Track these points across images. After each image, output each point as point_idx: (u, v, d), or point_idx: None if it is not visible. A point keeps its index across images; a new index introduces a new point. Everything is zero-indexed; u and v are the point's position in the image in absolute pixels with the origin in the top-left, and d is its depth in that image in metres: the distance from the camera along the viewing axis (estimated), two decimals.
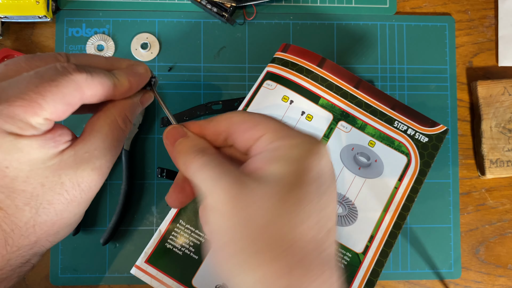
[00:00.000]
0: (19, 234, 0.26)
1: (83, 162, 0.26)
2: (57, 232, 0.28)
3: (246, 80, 0.49)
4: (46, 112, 0.24)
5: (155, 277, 0.39)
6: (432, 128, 0.44)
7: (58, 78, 0.25)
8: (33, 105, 0.24)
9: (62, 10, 0.48)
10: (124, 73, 0.28)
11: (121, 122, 0.29)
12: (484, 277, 0.49)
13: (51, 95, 0.24)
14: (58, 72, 0.25)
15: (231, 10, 0.48)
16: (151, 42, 0.48)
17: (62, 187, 0.26)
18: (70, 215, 0.27)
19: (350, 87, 0.45)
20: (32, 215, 0.26)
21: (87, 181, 0.27)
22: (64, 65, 0.26)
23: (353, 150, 0.43)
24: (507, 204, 0.50)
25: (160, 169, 0.46)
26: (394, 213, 0.42)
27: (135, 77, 0.29)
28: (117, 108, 0.29)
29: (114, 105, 0.29)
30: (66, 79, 0.25)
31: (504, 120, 0.49)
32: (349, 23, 0.50)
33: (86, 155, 0.27)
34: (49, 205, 0.26)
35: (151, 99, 0.32)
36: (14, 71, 0.26)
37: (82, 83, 0.26)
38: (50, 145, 0.25)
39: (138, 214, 0.47)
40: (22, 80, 0.25)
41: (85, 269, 0.46)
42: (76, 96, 0.26)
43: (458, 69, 0.51)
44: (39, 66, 0.26)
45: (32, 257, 0.28)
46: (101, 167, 0.27)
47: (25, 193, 0.25)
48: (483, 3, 0.52)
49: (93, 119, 0.28)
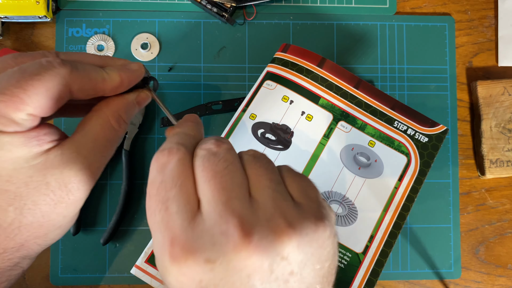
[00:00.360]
0: (4, 235, 0.25)
1: (70, 162, 0.25)
2: (45, 234, 0.26)
3: (246, 80, 0.49)
4: (29, 107, 0.24)
5: (155, 277, 0.39)
6: (432, 128, 0.44)
7: (41, 72, 0.24)
8: (15, 100, 0.23)
9: (62, 10, 0.48)
10: (115, 68, 0.28)
11: (114, 122, 0.28)
12: (484, 277, 0.49)
13: (33, 89, 0.24)
14: (42, 66, 0.24)
15: (231, 10, 0.48)
16: (151, 42, 0.48)
17: (48, 188, 0.25)
18: (59, 217, 0.26)
19: (350, 87, 0.45)
20: (16, 215, 0.25)
21: (74, 182, 0.26)
22: (48, 59, 0.25)
23: (353, 150, 0.43)
24: (507, 204, 0.50)
25: None
26: (394, 213, 0.42)
27: (126, 72, 0.28)
28: (110, 108, 0.28)
29: (107, 104, 0.28)
30: (50, 72, 0.24)
31: (504, 120, 0.49)
32: (349, 23, 0.50)
33: (74, 154, 0.26)
34: (34, 205, 0.25)
35: (148, 99, 0.31)
36: (0, 68, 0.25)
37: (66, 77, 0.25)
38: (33, 143, 0.24)
39: (138, 214, 0.47)
40: (4, 75, 0.24)
41: (85, 269, 0.46)
42: (61, 90, 0.25)
43: (458, 69, 0.51)
44: (26, 62, 0.26)
45: (21, 260, 0.27)
46: (89, 168, 0.26)
47: (8, 193, 0.24)
48: (483, 3, 0.52)
49: (85, 118, 0.28)
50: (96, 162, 0.27)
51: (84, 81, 0.26)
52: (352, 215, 0.42)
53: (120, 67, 0.28)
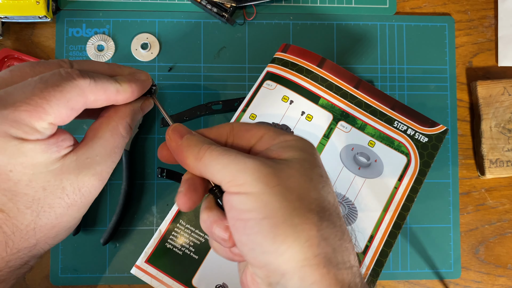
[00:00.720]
0: (20, 236, 0.26)
1: (84, 167, 0.27)
2: (56, 235, 0.28)
3: (246, 80, 0.49)
4: (51, 116, 0.25)
5: (155, 277, 0.39)
6: (432, 128, 0.44)
7: (62, 83, 0.25)
8: (38, 110, 0.24)
9: (62, 10, 0.48)
10: (126, 79, 0.29)
11: (122, 129, 0.29)
12: (484, 277, 0.49)
13: (55, 100, 0.25)
14: (62, 77, 0.26)
15: (231, 10, 0.48)
16: (151, 42, 0.48)
17: (63, 192, 0.26)
18: (70, 218, 0.28)
19: (350, 87, 0.45)
20: (33, 218, 0.26)
21: (88, 186, 0.27)
22: (68, 71, 0.26)
23: (353, 150, 0.43)
24: (506, 204, 0.50)
25: (160, 169, 0.46)
26: (394, 213, 0.42)
27: (137, 83, 0.29)
28: (119, 115, 0.29)
29: (116, 112, 0.29)
30: (70, 84, 0.26)
31: (504, 120, 0.49)
32: (349, 23, 0.50)
33: (88, 160, 0.27)
34: (50, 208, 0.26)
35: (151, 105, 0.32)
36: (19, 76, 0.27)
37: (85, 88, 0.26)
38: (53, 149, 0.26)
39: (138, 214, 0.47)
40: (27, 85, 0.25)
41: (85, 269, 0.46)
42: (79, 101, 0.26)
43: (458, 69, 0.51)
44: (43, 71, 0.27)
45: (30, 259, 0.28)
46: (101, 173, 0.28)
47: (27, 197, 0.25)
48: (483, 3, 0.52)
49: (95, 125, 0.29)
50: (107, 167, 0.29)
51: (100, 93, 0.27)
52: (352, 215, 0.42)
53: (130, 77, 0.30)
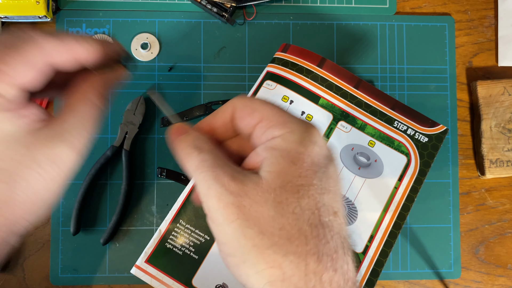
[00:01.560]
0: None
1: (57, 139, 0.27)
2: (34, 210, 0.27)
3: (246, 80, 0.49)
4: (12, 78, 0.24)
5: (155, 277, 0.39)
6: (432, 128, 0.44)
7: (21, 44, 0.25)
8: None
9: (62, 10, 0.48)
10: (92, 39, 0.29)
11: (95, 98, 0.29)
12: (484, 277, 0.49)
13: (13, 61, 0.24)
14: (21, 38, 0.25)
15: (231, 10, 0.48)
16: (151, 42, 0.48)
17: (38, 164, 0.26)
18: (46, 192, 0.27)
19: (350, 87, 0.45)
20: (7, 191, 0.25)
21: (62, 157, 0.27)
22: (28, 32, 0.26)
23: (353, 150, 0.43)
24: (507, 204, 0.50)
25: (160, 169, 0.46)
26: (394, 213, 0.42)
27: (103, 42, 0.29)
28: (90, 84, 0.29)
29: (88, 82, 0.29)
30: (30, 43, 0.25)
31: (504, 120, 0.49)
32: (349, 23, 0.50)
33: (62, 132, 0.27)
34: (23, 181, 0.26)
35: (126, 75, 0.32)
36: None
37: (47, 46, 0.26)
38: (23, 121, 0.25)
39: (138, 214, 0.47)
40: None
41: (85, 269, 0.46)
42: (41, 59, 0.26)
43: (458, 69, 0.51)
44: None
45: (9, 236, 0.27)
46: (76, 144, 0.28)
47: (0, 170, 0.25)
48: (483, 3, 0.52)
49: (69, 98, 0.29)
50: (82, 138, 0.28)
51: (65, 50, 0.27)
52: (352, 215, 0.42)
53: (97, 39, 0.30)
